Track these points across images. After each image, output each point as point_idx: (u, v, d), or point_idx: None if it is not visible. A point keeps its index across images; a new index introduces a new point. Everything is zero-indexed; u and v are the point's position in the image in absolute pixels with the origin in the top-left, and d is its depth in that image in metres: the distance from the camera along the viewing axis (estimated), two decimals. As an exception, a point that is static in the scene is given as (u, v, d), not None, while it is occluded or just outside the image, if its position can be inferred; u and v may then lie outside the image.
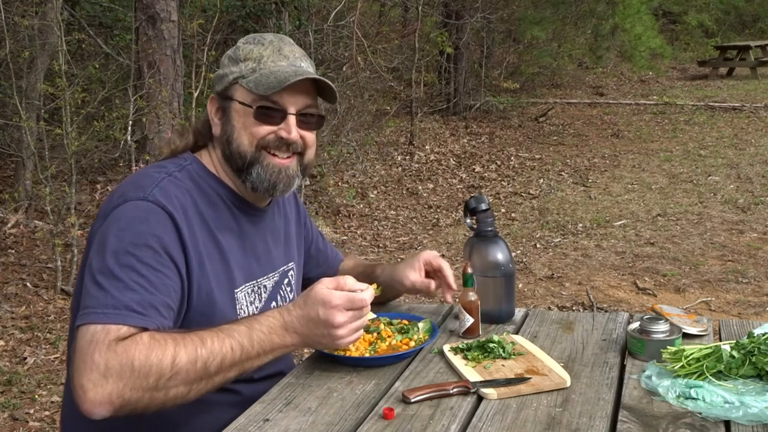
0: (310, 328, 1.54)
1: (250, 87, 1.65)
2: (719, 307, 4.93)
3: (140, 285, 1.48)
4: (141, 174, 1.67)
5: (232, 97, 1.69)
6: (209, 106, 1.74)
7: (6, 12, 5.67)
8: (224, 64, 1.73)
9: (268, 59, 1.68)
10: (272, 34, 1.75)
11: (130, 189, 1.60)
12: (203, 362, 1.45)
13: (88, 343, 1.41)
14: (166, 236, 1.54)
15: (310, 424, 1.44)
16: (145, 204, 1.56)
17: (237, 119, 1.68)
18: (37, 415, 3.76)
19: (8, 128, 6.54)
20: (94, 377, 1.38)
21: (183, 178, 1.65)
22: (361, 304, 1.56)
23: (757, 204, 7.18)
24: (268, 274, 1.79)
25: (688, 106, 12.18)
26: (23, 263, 5.58)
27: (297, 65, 1.69)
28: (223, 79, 1.71)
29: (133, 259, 1.49)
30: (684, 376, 1.54)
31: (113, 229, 1.53)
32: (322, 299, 1.54)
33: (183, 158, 1.72)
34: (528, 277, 5.61)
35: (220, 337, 1.49)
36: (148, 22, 5.64)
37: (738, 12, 19.03)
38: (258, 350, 1.52)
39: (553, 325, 1.93)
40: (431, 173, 8.83)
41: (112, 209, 1.57)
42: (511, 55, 12.98)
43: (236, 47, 1.72)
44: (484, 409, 1.49)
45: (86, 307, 1.46)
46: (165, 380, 1.42)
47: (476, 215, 1.97)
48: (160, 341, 1.44)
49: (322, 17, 8.84)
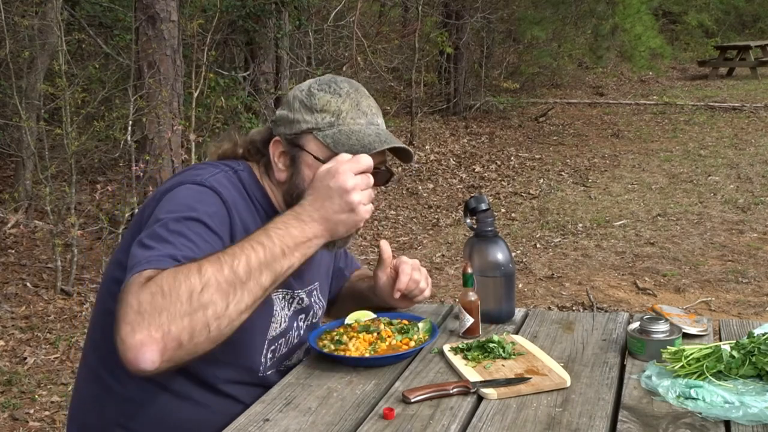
0: (326, 207, 1.51)
1: (328, 143, 1.61)
2: (719, 307, 4.93)
3: (187, 246, 1.46)
4: (196, 167, 1.68)
5: (303, 147, 1.64)
6: (272, 147, 1.68)
7: (6, 12, 5.68)
8: (294, 107, 1.67)
9: (347, 115, 1.64)
10: (347, 83, 1.70)
11: (185, 176, 1.61)
12: (229, 266, 1.40)
13: (124, 292, 1.37)
14: (218, 218, 1.54)
15: (310, 424, 1.44)
16: (201, 187, 1.57)
17: (309, 174, 1.62)
18: (37, 415, 3.76)
19: (8, 128, 6.55)
20: (130, 318, 1.32)
21: (235, 179, 1.65)
22: (366, 163, 1.54)
23: (757, 204, 7.18)
24: (304, 289, 1.80)
25: (688, 106, 12.18)
26: (23, 263, 5.58)
27: (375, 123, 1.68)
28: (293, 124, 1.66)
29: (183, 227, 1.48)
30: (684, 376, 1.54)
31: (167, 206, 1.53)
32: (326, 172, 1.52)
33: (237, 163, 1.71)
34: (528, 277, 5.62)
35: (239, 243, 1.47)
36: (148, 22, 5.64)
37: (738, 12, 19.03)
38: (281, 246, 1.47)
39: (553, 325, 1.93)
40: (431, 173, 8.83)
41: (165, 192, 1.58)
42: (511, 55, 12.99)
43: (310, 93, 1.66)
44: (484, 409, 1.49)
45: (131, 268, 1.43)
46: (197, 295, 1.35)
47: (476, 215, 1.97)
48: (184, 265, 1.40)
49: (322, 17, 8.85)
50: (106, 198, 6.23)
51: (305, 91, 1.68)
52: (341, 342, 1.73)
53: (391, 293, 1.87)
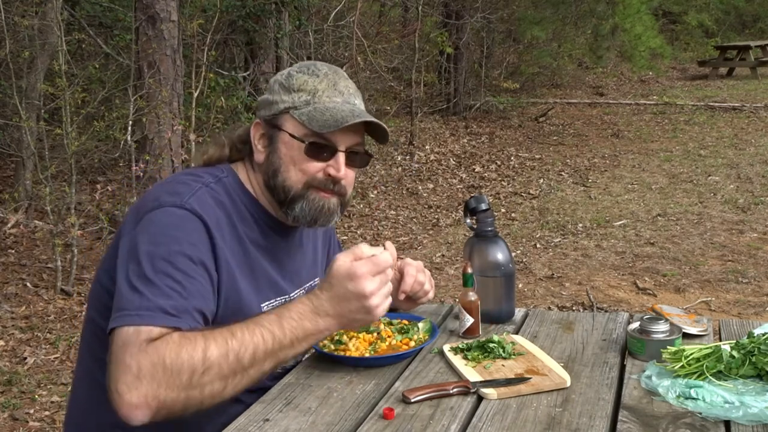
0: (343, 306, 1.52)
1: (303, 120, 1.63)
2: (719, 307, 4.93)
3: (175, 290, 1.47)
4: (177, 180, 1.66)
5: (280, 127, 1.66)
6: (253, 130, 1.71)
7: (6, 12, 5.68)
8: (274, 90, 1.69)
9: (323, 94, 1.65)
10: (327, 66, 1.72)
11: (165, 195, 1.59)
12: (235, 354, 1.43)
13: (120, 347, 1.40)
14: (201, 245, 1.54)
15: (310, 424, 1.44)
16: (181, 211, 1.55)
17: (285, 152, 1.65)
18: (37, 415, 3.76)
19: (8, 128, 6.55)
20: (128, 380, 1.37)
21: (219, 190, 1.64)
22: (386, 264, 1.54)
23: (757, 204, 7.18)
24: (297, 290, 1.80)
25: (688, 106, 12.19)
26: (23, 263, 5.58)
27: (352, 102, 1.68)
28: (272, 105, 1.68)
29: (168, 265, 1.48)
30: (684, 376, 1.54)
31: (148, 233, 1.52)
32: (347, 273, 1.51)
33: (220, 169, 1.70)
34: (528, 277, 5.61)
35: (250, 327, 1.47)
36: (148, 22, 5.64)
37: (738, 12, 19.04)
38: (291, 338, 1.49)
39: (553, 325, 1.93)
40: (431, 173, 8.83)
41: (145, 213, 1.56)
42: (511, 55, 12.99)
43: (289, 75, 1.69)
44: (484, 409, 1.49)
45: (120, 309, 1.46)
46: (198, 376, 1.39)
47: (476, 215, 1.97)
48: (190, 338, 1.42)
49: (322, 17, 8.85)
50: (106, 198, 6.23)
51: (285, 75, 1.70)
52: (341, 342, 1.73)
53: (395, 295, 1.87)
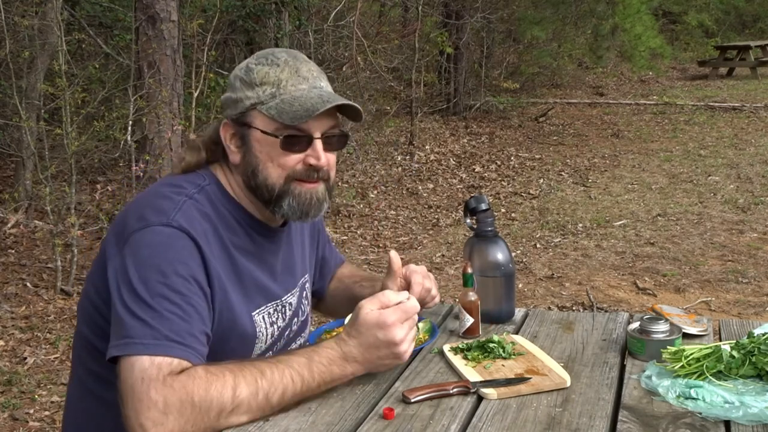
0: (372, 353, 1.52)
1: (272, 114, 1.58)
2: (719, 307, 4.93)
3: (175, 314, 1.45)
4: (159, 194, 1.60)
5: (251, 125, 1.61)
6: (223, 131, 1.65)
7: (6, 12, 5.68)
8: (235, 87, 1.63)
9: (287, 83, 1.60)
10: (284, 52, 1.66)
11: (150, 212, 1.54)
12: (264, 394, 1.44)
13: (140, 380, 1.38)
14: (192, 262, 1.51)
15: (310, 424, 1.44)
16: (169, 230, 1.51)
17: (260, 149, 1.61)
18: (37, 415, 3.76)
19: (8, 128, 6.55)
20: (153, 415, 1.36)
21: (203, 200, 1.60)
22: (414, 311, 1.55)
23: (757, 204, 7.18)
24: (291, 291, 1.78)
25: (688, 106, 12.19)
26: (23, 263, 5.58)
27: (318, 86, 1.63)
28: (237, 104, 1.62)
29: (164, 287, 1.46)
30: (684, 376, 1.54)
31: (138, 255, 1.49)
32: (376, 322, 1.51)
33: (201, 176, 1.65)
34: (528, 277, 5.61)
35: (279, 368, 1.47)
36: (148, 22, 5.64)
37: (738, 12, 19.04)
38: (318, 382, 1.50)
39: (553, 325, 1.93)
40: (431, 173, 8.83)
41: (131, 233, 1.52)
42: (511, 55, 12.99)
43: (248, 69, 1.63)
44: (484, 409, 1.49)
45: (123, 336, 1.43)
46: (226, 414, 1.41)
47: (476, 215, 1.97)
48: (218, 374, 1.42)
49: (322, 17, 8.85)
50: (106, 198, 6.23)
51: (243, 69, 1.64)
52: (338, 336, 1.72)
53: None
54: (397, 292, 1.58)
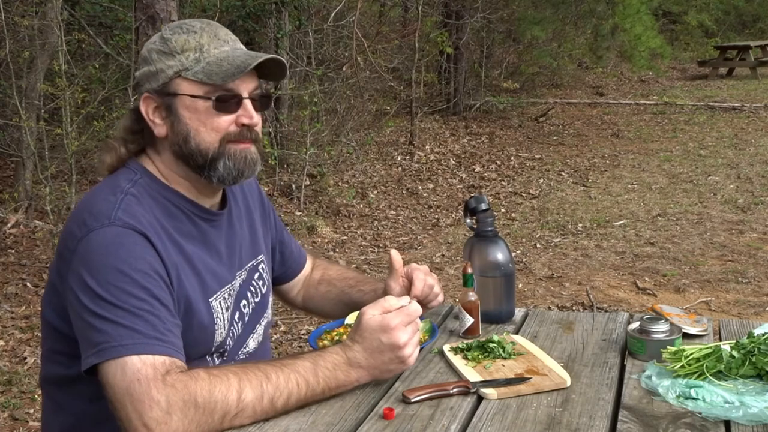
0: (376, 357, 1.52)
1: (200, 78, 1.55)
2: (719, 307, 4.93)
3: (145, 310, 1.43)
4: (94, 199, 1.56)
5: (176, 93, 1.57)
6: (143, 106, 1.60)
7: (6, 12, 5.68)
8: (153, 59, 1.59)
9: (209, 46, 1.58)
10: (198, 21, 1.63)
11: (90, 218, 1.50)
12: (269, 398, 1.43)
13: (136, 381, 1.37)
14: (148, 255, 1.48)
15: (310, 424, 1.44)
16: (114, 229, 1.47)
17: (189, 116, 1.57)
18: (37, 415, 3.75)
19: (8, 128, 6.55)
20: (156, 415, 1.35)
21: (140, 193, 1.56)
22: (416, 314, 1.55)
23: (757, 204, 7.18)
24: (237, 273, 1.74)
25: (688, 106, 12.19)
26: (23, 263, 5.58)
27: (239, 47, 1.62)
28: (157, 75, 1.58)
29: (127, 285, 1.43)
30: (684, 376, 1.54)
31: (91, 262, 1.45)
32: (379, 326, 1.51)
33: (130, 171, 1.61)
34: (528, 277, 5.61)
35: (285, 372, 1.46)
36: (148, 22, 5.63)
37: (738, 12, 19.05)
38: (323, 387, 1.49)
39: (553, 325, 1.93)
40: (431, 173, 8.83)
41: (77, 242, 1.48)
42: (511, 55, 12.99)
43: (164, 39, 1.59)
44: (484, 409, 1.49)
45: (100, 342, 1.41)
46: (231, 417, 1.40)
47: (476, 215, 1.97)
48: (221, 377, 1.41)
49: (322, 17, 8.85)
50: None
51: (158, 42, 1.61)
52: (341, 342, 1.73)
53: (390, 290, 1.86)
54: (398, 297, 1.58)
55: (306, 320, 4.86)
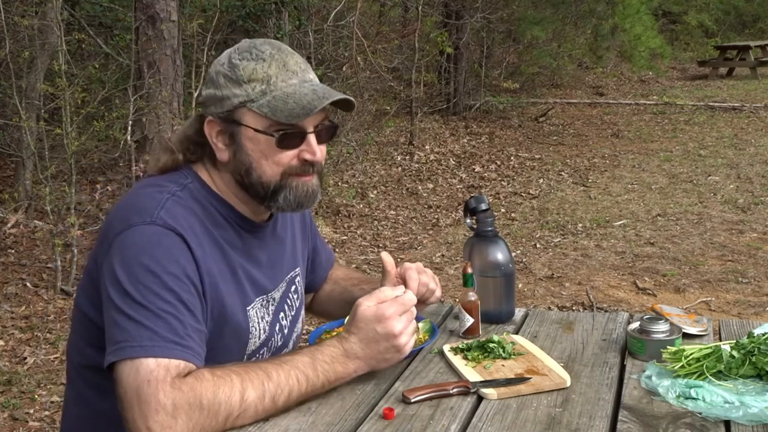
0: (372, 348, 1.53)
1: (265, 113, 1.54)
2: (719, 307, 4.93)
3: (169, 312, 1.43)
4: (141, 195, 1.58)
5: (240, 122, 1.56)
6: (207, 129, 1.60)
7: (6, 12, 5.68)
8: (219, 84, 1.57)
9: (277, 78, 1.55)
10: (267, 44, 1.60)
11: (133, 213, 1.51)
12: (271, 396, 1.44)
13: (146, 383, 1.37)
14: (183, 259, 1.48)
15: (310, 424, 1.44)
16: (154, 228, 1.48)
17: (252, 147, 1.57)
18: (37, 415, 3.76)
19: (8, 128, 6.55)
20: (161, 418, 1.36)
21: (186, 197, 1.57)
22: (411, 303, 1.57)
23: (757, 204, 7.18)
24: (278, 286, 1.76)
25: (688, 106, 12.19)
26: (23, 263, 5.58)
27: (308, 80, 1.59)
28: (223, 101, 1.57)
29: (155, 286, 1.44)
30: (684, 376, 1.54)
31: (124, 257, 1.46)
32: (374, 316, 1.53)
33: (182, 175, 1.62)
34: (528, 277, 5.61)
35: (284, 369, 1.47)
36: (148, 22, 5.64)
37: (738, 12, 19.05)
38: (323, 380, 1.50)
39: (553, 325, 1.93)
40: (431, 173, 8.83)
41: (115, 236, 1.49)
42: (511, 55, 12.98)
43: (232, 65, 1.57)
44: (484, 409, 1.49)
45: (120, 341, 1.42)
46: (234, 418, 1.41)
47: (476, 215, 1.97)
48: (224, 377, 1.42)
49: (322, 17, 8.85)
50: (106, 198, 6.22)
51: (226, 65, 1.58)
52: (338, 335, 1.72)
53: None
54: (393, 288, 1.59)
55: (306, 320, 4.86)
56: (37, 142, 5.86)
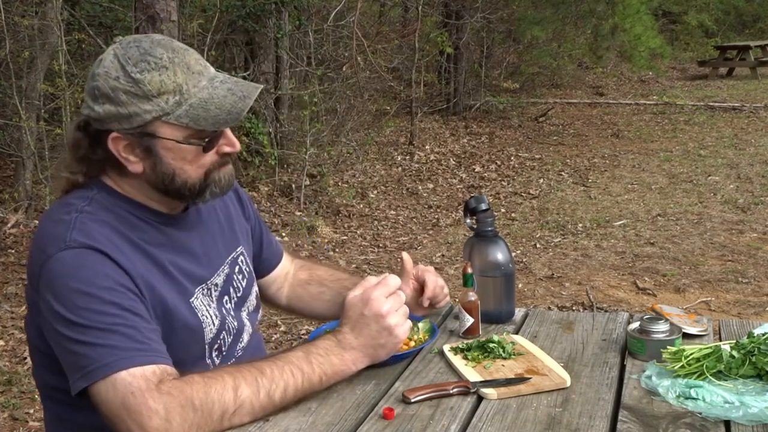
0: (364, 333, 1.53)
1: (186, 123, 1.48)
2: (719, 307, 4.93)
3: (118, 324, 1.41)
4: (50, 222, 1.53)
5: (155, 136, 1.49)
6: (113, 145, 1.51)
7: (6, 12, 5.68)
8: (121, 101, 1.47)
9: (188, 85, 1.49)
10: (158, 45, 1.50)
11: (47, 243, 1.47)
12: (266, 392, 1.43)
13: (130, 394, 1.36)
14: (110, 271, 1.45)
15: (310, 424, 1.44)
16: (70, 252, 1.44)
17: (174, 157, 1.52)
18: (37, 415, 3.76)
19: (8, 128, 6.55)
20: (156, 424, 1.35)
21: (95, 209, 1.52)
22: (395, 285, 1.57)
23: (757, 204, 7.18)
24: (217, 271, 1.71)
25: (688, 106, 12.19)
26: (23, 263, 5.57)
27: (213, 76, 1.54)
28: (131, 118, 1.48)
29: (95, 305, 1.41)
30: (684, 376, 1.54)
31: (55, 288, 1.43)
32: (360, 301, 1.54)
33: (87, 188, 1.56)
34: (528, 277, 5.61)
35: (278, 364, 1.47)
36: (148, 22, 5.63)
37: (738, 12, 19.05)
38: (319, 374, 1.49)
39: (553, 325, 1.93)
40: (431, 173, 8.83)
41: (39, 270, 1.46)
42: (511, 55, 12.99)
43: (133, 80, 1.46)
44: (484, 409, 1.49)
45: (83, 367, 1.39)
46: (230, 415, 1.40)
47: (476, 215, 1.97)
48: (215, 377, 1.42)
49: (322, 17, 8.85)
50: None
51: (123, 79, 1.47)
52: None
53: (414, 305, 1.87)
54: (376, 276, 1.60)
55: (306, 320, 4.86)
56: (37, 142, 5.87)
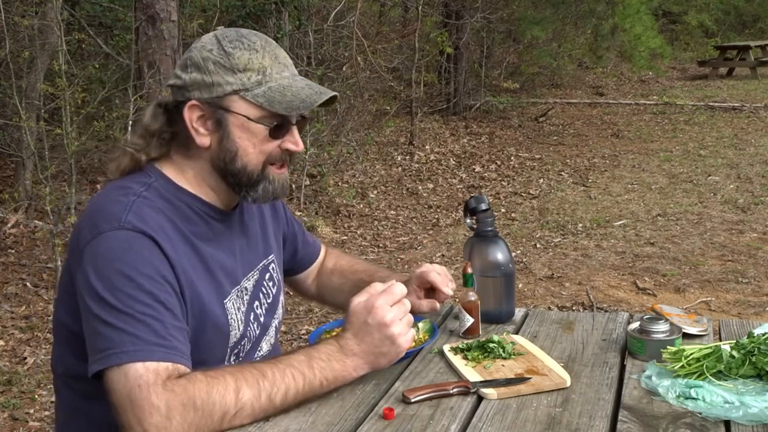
0: (366, 340, 1.52)
1: (260, 102, 1.54)
2: (719, 307, 4.93)
3: (148, 315, 1.43)
4: (106, 200, 1.55)
5: (229, 110, 1.55)
6: (188, 113, 1.56)
7: (6, 12, 5.68)
8: (209, 69, 1.55)
9: (272, 70, 1.56)
10: (254, 35, 1.60)
11: (100, 220, 1.49)
12: (267, 395, 1.43)
13: (137, 387, 1.37)
14: (156, 260, 1.47)
15: (310, 424, 1.44)
16: (123, 232, 1.46)
17: (241, 135, 1.56)
18: (37, 415, 3.76)
19: (8, 128, 6.55)
20: (156, 420, 1.36)
21: (152, 196, 1.55)
22: (400, 294, 1.56)
23: (757, 204, 7.18)
24: (248, 275, 1.73)
25: (688, 106, 12.19)
26: (23, 263, 5.58)
27: (296, 74, 1.62)
28: (212, 87, 1.55)
29: (132, 290, 1.43)
30: (684, 376, 1.54)
31: (99, 265, 1.45)
32: (364, 308, 1.53)
33: (146, 174, 1.59)
34: (528, 277, 5.61)
35: (280, 367, 1.46)
36: (148, 22, 5.64)
37: (738, 12, 19.05)
38: (320, 379, 1.49)
39: (553, 325, 1.93)
40: (431, 173, 8.83)
41: (86, 245, 1.48)
42: (511, 55, 12.98)
43: (225, 53, 1.55)
44: (484, 409, 1.49)
45: (103, 349, 1.41)
46: (230, 417, 1.41)
47: (476, 215, 1.97)
48: (218, 378, 1.42)
49: (322, 17, 8.85)
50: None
51: (216, 51, 1.56)
52: None
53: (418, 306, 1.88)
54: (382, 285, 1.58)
55: (306, 320, 4.86)
56: (37, 142, 5.86)
